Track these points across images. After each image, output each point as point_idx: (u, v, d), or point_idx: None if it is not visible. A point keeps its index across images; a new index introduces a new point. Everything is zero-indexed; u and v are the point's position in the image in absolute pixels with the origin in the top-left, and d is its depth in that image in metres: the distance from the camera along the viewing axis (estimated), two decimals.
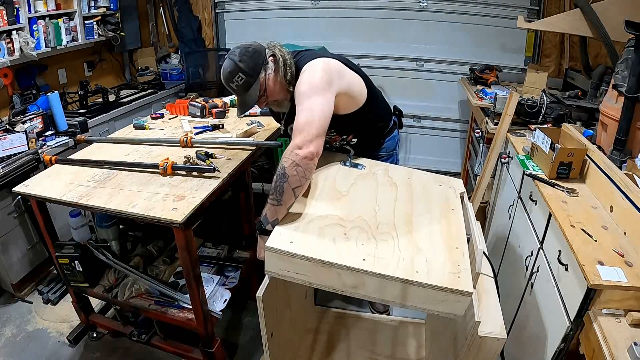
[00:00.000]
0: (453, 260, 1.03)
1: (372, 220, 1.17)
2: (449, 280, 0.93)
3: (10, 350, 2.01)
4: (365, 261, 0.99)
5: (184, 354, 1.85)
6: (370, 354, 1.83)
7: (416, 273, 0.96)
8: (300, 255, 0.98)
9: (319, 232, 1.08)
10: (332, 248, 1.01)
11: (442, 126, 3.62)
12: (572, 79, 2.73)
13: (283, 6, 3.54)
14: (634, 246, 1.21)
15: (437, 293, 0.93)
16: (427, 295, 0.94)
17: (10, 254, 2.22)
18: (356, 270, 0.96)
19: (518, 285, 1.68)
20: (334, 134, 1.61)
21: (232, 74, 1.39)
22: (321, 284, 1.01)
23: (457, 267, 1.00)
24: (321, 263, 0.97)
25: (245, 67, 1.39)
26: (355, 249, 1.04)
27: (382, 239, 1.08)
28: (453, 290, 0.91)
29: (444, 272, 0.97)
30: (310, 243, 1.03)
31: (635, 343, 0.97)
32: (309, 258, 0.98)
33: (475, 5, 3.20)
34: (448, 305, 0.94)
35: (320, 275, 0.99)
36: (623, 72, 1.61)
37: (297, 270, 1.01)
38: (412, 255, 1.04)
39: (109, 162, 1.76)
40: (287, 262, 1.00)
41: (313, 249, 1.00)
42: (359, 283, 0.98)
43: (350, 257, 0.99)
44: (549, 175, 1.63)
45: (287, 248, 0.99)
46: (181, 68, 3.78)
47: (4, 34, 2.47)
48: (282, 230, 1.07)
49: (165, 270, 1.89)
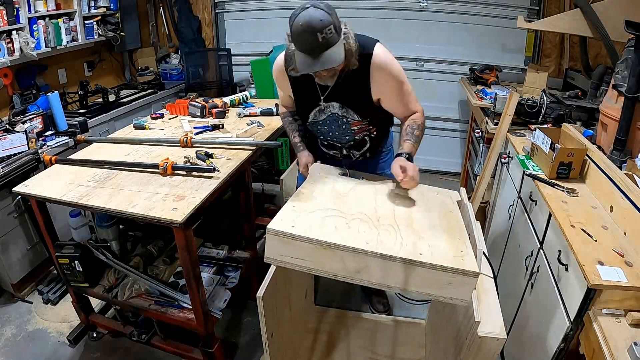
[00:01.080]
0: (455, 247, 1.03)
1: (373, 215, 1.17)
2: (454, 261, 0.93)
3: (10, 350, 2.01)
4: (368, 244, 0.98)
5: (184, 354, 1.85)
6: (371, 354, 1.83)
7: (420, 255, 0.95)
8: (302, 237, 0.97)
9: (321, 220, 1.08)
10: (334, 233, 1.01)
11: (442, 126, 3.62)
12: (572, 79, 2.73)
13: (283, 6, 3.55)
14: (634, 246, 1.21)
15: (442, 275, 0.91)
16: (432, 278, 0.93)
17: (10, 254, 2.22)
18: (359, 252, 0.95)
19: (518, 285, 1.68)
20: (366, 122, 1.55)
21: (324, 24, 1.20)
22: (323, 269, 0.99)
23: (460, 252, 0.99)
24: (324, 245, 0.96)
25: (335, 21, 1.25)
26: (357, 235, 1.03)
27: (384, 229, 1.08)
28: (458, 270, 0.90)
29: (448, 255, 0.97)
30: (312, 228, 1.02)
31: (635, 343, 0.97)
32: (312, 240, 0.96)
33: (475, 5, 3.20)
34: (453, 289, 0.92)
35: (322, 259, 0.98)
36: (623, 72, 1.61)
37: (299, 255, 0.99)
38: (415, 241, 1.04)
39: (109, 162, 1.76)
40: (288, 247, 0.99)
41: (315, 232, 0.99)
42: (362, 267, 0.96)
43: (353, 240, 0.98)
44: (549, 175, 1.63)
45: (289, 230, 0.98)
46: (181, 68, 3.79)
47: (4, 34, 2.48)
48: (284, 215, 1.06)
49: (165, 270, 1.89)
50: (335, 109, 1.51)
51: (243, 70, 3.82)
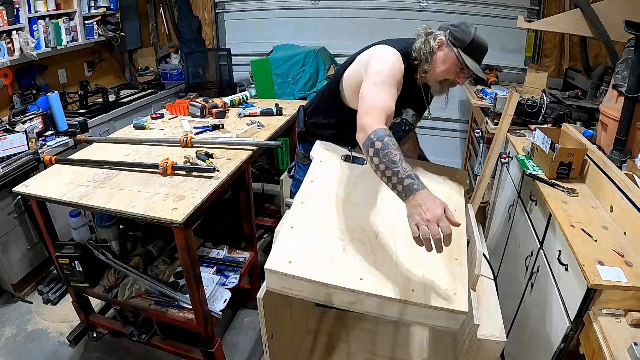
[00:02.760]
0: (451, 274, 1.04)
1: (371, 231, 1.17)
2: (443, 300, 0.96)
3: (10, 350, 2.02)
4: (363, 280, 1.01)
5: (184, 354, 1.85)
6: (371, 355, 1.82)
7: (412, 292, 0.98)
8: (298, 277, 1.01)
9: (317, 249, 1.10)
10: (329, 267, 1.04)
11: (442, 126, 3.62)
12: (572, 79, 2.73)
13: (283, 6, 3.54)
14: (634, 246, 1.21)
15: (432, 311, 0.96)
16: (423, 313, 0.97)
17: (10, 254, 2.22)
18: (352, 291, 0.99)
19: (518, 285, 1.68)
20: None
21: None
22: (321, 299, 1.05)
23: (454, 283, 1.01)
24: (319, 284, 1.01)
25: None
26: (352, 265, 1.05)
27: (380, 253, 1.10)
28: (448, 310, 0.95)
29: (441, 289, 1.00)
30: (308, 262, 1.05)
31: (635, 343, 0.97)
32: (307, 280, 1.01)
33: (475, 5, 3.20)
34: (443, 321, 0.97)
35: (319, 293, 1.03)
36: (623, 72, 1.61)
37: (297, 288, 1.04)
38: (410, 267, 1.05)
39: (109, 162, 1.76)
40: (286, 282, 1.03)
41: (311, 269, 1.03)
42: (357, 300, 1.01)
43: (348, 277, 1.02)
44: (549, 175, 1.63)
45: (285, 270, 1.02)
46: (181, 68, 3.79)
47: (4, 34, 2.48)
48: (281, 249, 1.08)
49: (165, 270, 1.89)
50: (409, 116, 1.57)
51: (243, 70, 3.82)
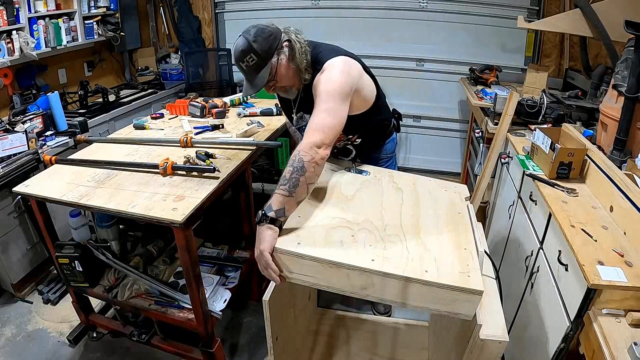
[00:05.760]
0: (462, 260, 1.03)
1: (379, 223, 1.17)
2: (459, 279, 0.93)
3: (10, 350, 2.01)
4: (374, 261, 0.98)
5: (184, 354, 1.85)
6: (371, 355, 1.82)
7: (426, 272, 0.95)
8: (308, 256, 0.97)
9: (326, 234, 1.08)
10: (340, 249, 1.01)
11: (442, 126, 3.62)
12: (572, 79, 2.73)
13: (283, 6, 3.54)
14: (634, 246, 1.21)
15: (447, 292, 0.92)
16: (437, 296, 0.93)
17: (10, 254, 2.22)
18: (365, 271, 0.95)
19: (518, 285, 1.68)
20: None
21: (244, 53, 1.33)
22: (329, 285, 1.00)
23: (467, 267, 0.99)
24: (330, 264, 0.96)
25: (259, 48, 1.33)
26: (363, 250, 1.03)
27: (390, 240, 1.08)
28: (463, 289, 0.91)
29: (454, 271, 0.97)
30: (318, 244, 1.02)
31: (635, 343, 0.97)
32: (318, 259, 0.97)
33: (475, 5, 3.20)
34: (458, 305, 0.93)
35: (329, 276, 0.98)
36: (623, 72, 1.61)
37: (305, 272, 1.00)
38: (421, 254, 1.03)
39: (109, 162, 1.76)
40: (294, 264, 0.99)
41: (321, 249, 0.99)
42: (368, 284, 0.97)
43: (359, 258, 0.98)
44: (549, 175, 1.63)
45: (295, 249, 0.98)
46: (181, 68, 3.78)
47: (4, 34, 2.47)
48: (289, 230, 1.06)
49: (165, 270, 1.89)
50: (306, 120, 1.52)
51: None
